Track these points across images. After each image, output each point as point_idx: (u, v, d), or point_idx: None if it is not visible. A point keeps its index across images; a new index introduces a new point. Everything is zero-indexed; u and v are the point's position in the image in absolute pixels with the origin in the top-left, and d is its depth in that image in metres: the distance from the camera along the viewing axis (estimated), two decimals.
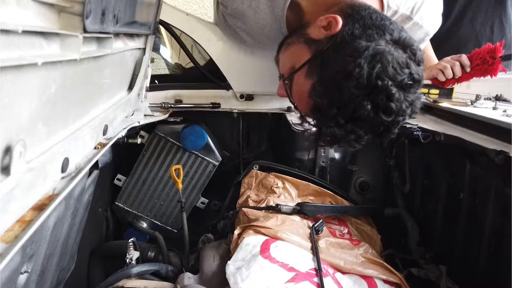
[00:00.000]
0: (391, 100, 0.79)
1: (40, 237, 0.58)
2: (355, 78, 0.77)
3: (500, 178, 0.91)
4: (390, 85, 0.78)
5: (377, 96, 0.78)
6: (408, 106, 0.82)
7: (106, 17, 0.56)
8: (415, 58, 0.83)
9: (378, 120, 0.80)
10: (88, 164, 0.64)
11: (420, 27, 1.12)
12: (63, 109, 0.55)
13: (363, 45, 0.80)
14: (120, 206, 1.34)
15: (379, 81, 0.77)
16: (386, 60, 0.78)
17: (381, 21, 0.85)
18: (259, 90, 1.36)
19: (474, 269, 0.99)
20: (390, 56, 0.79)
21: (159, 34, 1.51)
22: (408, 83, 0.80)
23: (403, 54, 0.82)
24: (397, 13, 1.05)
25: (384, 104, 0.79)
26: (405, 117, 0.83)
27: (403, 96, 0.80)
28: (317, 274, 0.84)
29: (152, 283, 0.88)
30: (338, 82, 0.80)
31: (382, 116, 0.80)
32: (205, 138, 1.29)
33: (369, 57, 0.78)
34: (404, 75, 0.79)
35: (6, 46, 0.37)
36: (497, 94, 1.33)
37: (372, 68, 0.77)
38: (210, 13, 2.85)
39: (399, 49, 0.82)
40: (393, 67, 0.78)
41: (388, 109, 0.79)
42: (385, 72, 0.77)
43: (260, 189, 1.23)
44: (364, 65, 0.77)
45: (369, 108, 0.78)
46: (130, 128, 0.91)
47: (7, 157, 0.40)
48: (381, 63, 0.78)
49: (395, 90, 0.78)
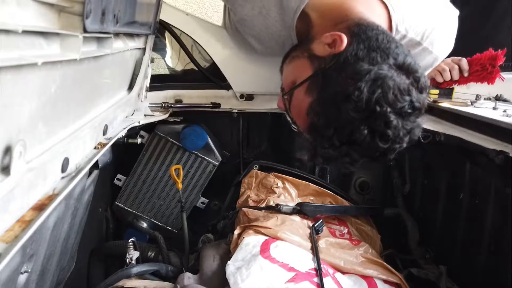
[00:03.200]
0: (388, 127, 0.77)
1: (40, 237, 0.58)
2: (354, 101, 0.76)
3: (500, 178, 0.91)
4: (388, 112, 0.76)
5: (375, 121, 0.77)
6: (406, 134, 0.80)
7: (106, 17, 0.56)
8: (418, 85, 0.81)
9: (374, 146, 0.79)
10: (88, 164, 0.64)
11: (430, 53, 1.08)
12: (63, 109, 0.55)
13: (365, 68, 0.78)
14: (120, 206, 1.34)
15: (378, 107, 0.76)
16: (387, 86, 0.77)
17: (387, 44, 0.83)
18: (259, 90, 1.36)
19: (474, 269, 0.99)
20: (392, 82, 0.77)
21: (160, 37, 1.51)
22: (407, 111, 0.78)
23: (405, 80, 0.80)
24: (406, 37, 1.02)
25: (381, 130, 0.78)
26: (402, 145, 0.81)
27: (401, 123, 0.78)
28: (317, 274, 0.84)
29: (152, 283, 0.88)
30: (337, 103, 0.79)
31: (378, 142, 0.78)
32: (205, 138, 1.29)
33: (370, 81, 0.77)
34: (405, 102, 0.78)
35: (6, 46, 0.37)
36: (497, 94, 1.32)
37: (372, 92, 0.76)
38: (210, 13, 2.85)
39: (402, 74, 0.80)
40: (394, 94, 0.77)
41: (385, 136, 0.78)
42: (385, 98, 0.76)
43: (260, 189, 1.23)
44: (364, 89, 0.76)
45: (365, 133, 0.77)
46: (130, 128, 0.91)
47: (7, 157, 0.40)
48: (381, 88, 0.76)
49: (394, 117, 0.77)
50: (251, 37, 1.17)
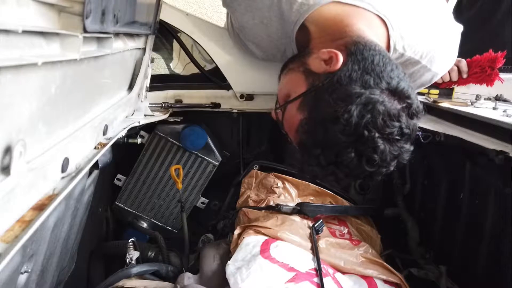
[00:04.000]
0: (375, 152, 0.78)
1: (40, 237, 0.58)
2: (343, 124, 0.77)
3: (500, 178, 0.91)
4: (376, 137, 0.77)
5: (363, 145, 0.78)
6: (393, 159, 0.81)
7: (106, 17, 0.56)
8: (409, 111, 0.81)
9: (361, 169, 0.80)
10: (88, 164, 0.64)
11: (428, 70, 1.07)
12: (63, 109, 0.55)
13: (357, 91, 0.78)
14: (120, 206, 1.34)
15: (366, 132, 0.76)
16: (377, 111, 0.77)
17: (382, 66, 0.82)
18: (259, 90, 1.36)
19: (474, 269, 0.99)
20: (382, 107, 0.77)
21: (161, 37, 1.51)
22: (395, 138, 0.79)
23: (397, 105, 0.80)
24: (404, 56, 1.01)
25: (368, 155, 0.78)
26: (388, 169, 0.82)
27: (389, 149, 0.79)
28: (317, 274, 0.84)
29: (152, 283, 0.88)
30: (326, 125, 0.79)
31: (364, 166, 0.79)
32: (205, 138, 1.29)
33: (361, 105, 0.77)
34: (394, 128, 0.78)
35: (6, 46, 0.37)
36: (497, 94, 1.32)
37: (361, 117, 0.76)
38: (210, 13, 2.85)
39: (394, 99, 0.80)
40: (383, 119, 0.77)
41: (371, 160, 0.79)
42: (374, 123, 0.77)
43: (260, 189, 1.23)
44: (354, 113, 0.76)
45: (352, 156, 0.78)
46: (130, 128, 0.91)
47: (7, 157, 0.40)
48: (371, 114, 0.77)
49: (381, 143, 0.77)
50: (251, 44, 1.18)
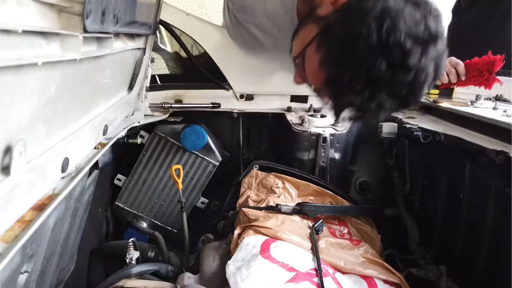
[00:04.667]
0: (405, 55, 0.72)
1: (40, 237, 0.58)
2: (364, 38, 0.72)
3: (500, 178, 0.91)
4: (402, 40, 0.71)
5: (391, 53, 0.72)
6: (429, 63, 0.74)
7: (106, 17, 0.56)
8: (429, 13, 0.75)
9: (397, 80, 0.74)
10: (88, 164, 0.64)
11: None
12: (63, 109, 0.55)
13: (370, 5, 0.74)
14: (120, 206, 1.34)
15: (390, 37, 0.71)
16: (395, 15, 0.72)
17: None
18: (259, 90, 1.36)
19: (474, 269, 0.99)
20: (400, 12, 0.73)
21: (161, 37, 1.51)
22: (423, 38, 0.73)
23: (416, 9, 0.75)
24: None
25: (399, 61, 0.72)
26: (427, 76, 0.75)
27: (420, 50, 0.73)
28: (317, 274, 0.84)
29: (152, 283, 0.88)
30: (347, 46, 0.75)
31: (400, 75, 0.73)
32: (205, 138, 1.29)
33: (378, 15, 0.72)
34: (419, 29, 0.73)
35: (6, 46, 0.37)
36: (497, 94, 1.33)
37: (380, 25, 0.71)
38: (210, 13, 2.86)
39: (411, 5, 0.75)
40: (405, 22, 0.72)
41: (405, 66, 0.72)
42: (395, 28, 0.71)
43: (260, 189, 1.23)
44: (372, 24, 0.72)
45: (383, 67, 0.72)
46: (130, 128, 0.91)
47: (7, 157, 0.40)
48: (390, 19, 0.72)
49: (410, 44, 0.72)
50: (252, 26, 1.17)
